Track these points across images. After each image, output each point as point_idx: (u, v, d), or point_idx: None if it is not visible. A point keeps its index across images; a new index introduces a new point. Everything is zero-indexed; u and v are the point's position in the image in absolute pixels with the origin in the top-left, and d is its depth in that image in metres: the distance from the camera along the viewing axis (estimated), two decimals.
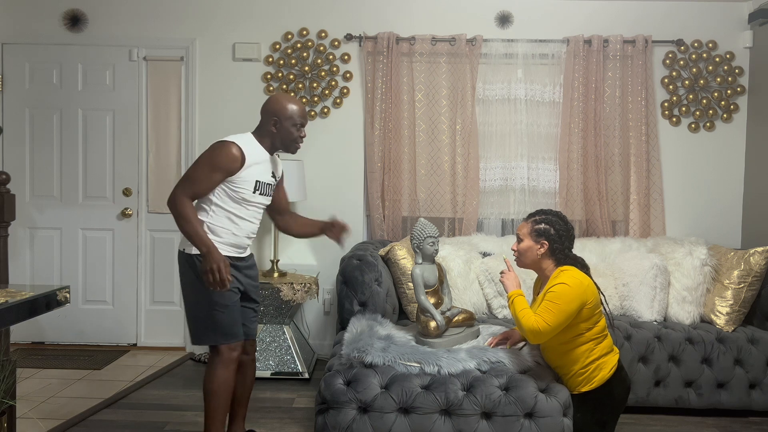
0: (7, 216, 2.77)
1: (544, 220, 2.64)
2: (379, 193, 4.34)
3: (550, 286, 2.54)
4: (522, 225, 2.70)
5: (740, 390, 3.36)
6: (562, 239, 2.62)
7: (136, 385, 3.78)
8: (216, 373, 2.65)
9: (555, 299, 2.47)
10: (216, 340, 2.65)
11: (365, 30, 4.35)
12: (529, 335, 2.50)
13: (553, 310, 2.46)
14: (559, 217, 2.67)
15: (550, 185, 4.35)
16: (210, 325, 2.64)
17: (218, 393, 2.65)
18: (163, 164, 4.49)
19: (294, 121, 2.72)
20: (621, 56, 4.27)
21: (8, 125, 4.49)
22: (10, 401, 2.34)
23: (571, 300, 2.47)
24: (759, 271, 3.49)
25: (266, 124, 2.73)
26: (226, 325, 2.65)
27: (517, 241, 2.70)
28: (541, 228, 2.63)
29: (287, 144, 2.76)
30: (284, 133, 2.72)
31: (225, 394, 2.67)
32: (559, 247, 2.62)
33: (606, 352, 2.60)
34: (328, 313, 4.47)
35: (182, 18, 4.44)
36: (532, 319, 2.48)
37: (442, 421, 2.58)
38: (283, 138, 2.73)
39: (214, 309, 2.63)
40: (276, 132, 2.72)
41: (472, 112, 4.27)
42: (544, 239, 2.62)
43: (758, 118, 4.24)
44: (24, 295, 2.22)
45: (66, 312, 4.40)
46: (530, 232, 2.64)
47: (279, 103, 2.72)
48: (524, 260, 2.68)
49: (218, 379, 2.65)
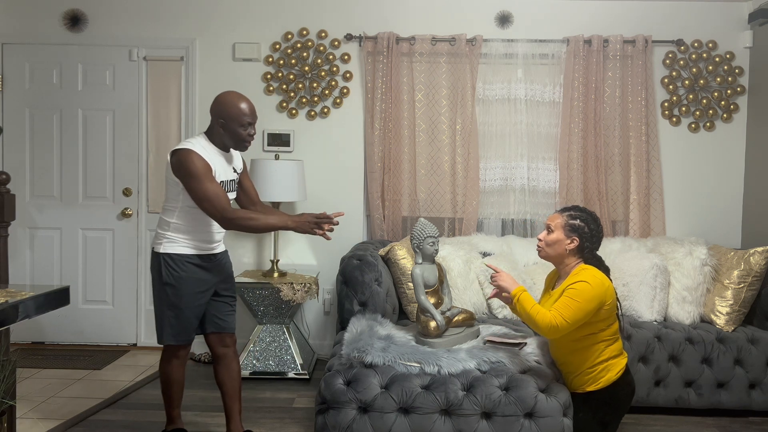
0: (7, 216, 2.78)
1: (579, 217, 2.63)
2: (379, 193, 4.34)
3: (571, 282, 2.53)
4: (555, 216, 2.68)
5: (740, 390, 3.36)
6: (593, 239, 2.63)
7: (136, 385, 3.78)
8: (163, 366, 2.89)
9: (576, 296, 2.47)
10: (165, 338, 2.80)
11: (365, 30, 4.35)
12: (545, 330, 2.48)
13: (572, 307, 2.46)
14: (593, 217, 2.66)
15: (550, 185, 4.35)
16: (164, 323, 2.79)
17: (164, 381, 2.91)
18: (163, 164, 4.48)
19: (240, 122, 2.71)
20: (621, 56, 4.27)
21: (8, 125, 4.49)
22: (10, 401, 2.34)
23: (592, 298, 2.47)
24: (759, 271, 3.49)
25: (214, 124, 2.75)
26: (174, 326, 2.78)
27: (547, 230, 2.67)
28: (576, 224, 2.61)
29: (236, 143, 2.78)
30: (231, 133, 2.74)
31: (169, 383, 2.90)
32: (588, 246, 2.62)
33: (615, 355, 2.61)
34: (328, 313, 4.47)
35: (182, 18, 4.44)
36: (548, 315, 2.47)
37: (442, 421, 2.58)
38: (230, 137, 2.75)
39: (167, 308, 2.76)
40: (224, 132, 2.73)
41: (472, 112, 4.27)
42: (576, 235, 2.60)
43: (758, 118, 4.24)
44: (24, 295, 2.22)
45: (66, 312, 4.40)
46: (564, 225, 2.62)
47: (224, 104, 2.72)
48: (549, 251, 2.66)
49: (164, 371, 2.89)
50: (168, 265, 2.73)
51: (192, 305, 2.78)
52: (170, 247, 2.74)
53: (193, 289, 2.76)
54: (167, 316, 2.77)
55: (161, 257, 2.74)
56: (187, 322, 2.79)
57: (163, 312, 2.78)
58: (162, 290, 2.76)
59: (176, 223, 2.74)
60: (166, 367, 2.88)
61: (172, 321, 2.77)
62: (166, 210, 2.77)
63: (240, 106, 2.71)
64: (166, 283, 2.74)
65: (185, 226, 2.74)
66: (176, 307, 2.75)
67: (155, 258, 2.77)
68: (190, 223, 2.74)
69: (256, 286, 3.93)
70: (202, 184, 2.60)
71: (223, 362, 2.93)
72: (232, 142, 2.77)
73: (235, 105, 2.71)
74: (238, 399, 2.96)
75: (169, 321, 2.77)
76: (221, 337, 2.92)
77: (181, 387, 2.95)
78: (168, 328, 2.78)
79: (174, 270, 2.73)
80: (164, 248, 2.74)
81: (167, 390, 2.93)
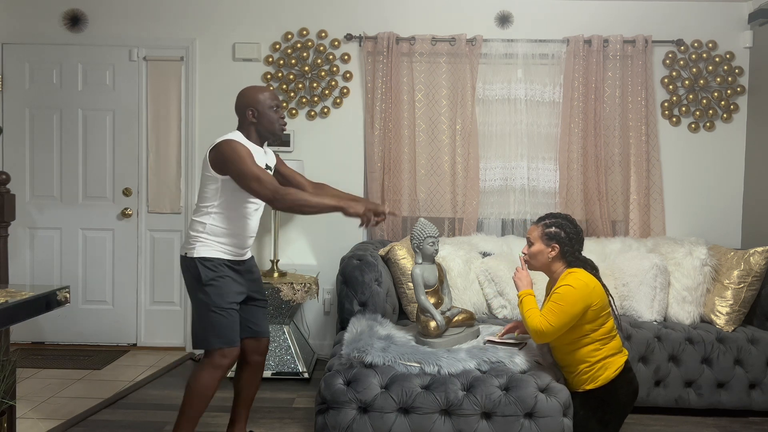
0: (7, 216, 2.78)
1: (554, 224, 2.68)
2: (379, 193, 4.34)
3: (556, 287, 2.58)
4: (532, 228, 2.75)
5: (740, 390, 3.36)
6: (573, 242, 2.66)
7: (136, 385, 3.78)
8: (202, 375, 2.62)
9: (559, 300, 2.52)
10: (212, 343, 2.63)
11: (365, 30, 4.35)
12: (533, 335, 2.56)
13: (556, 312, 2.51)
14: (568, 220, 2.71)
15: (550, 185, 4.35)
16: (208, 327, 2.63)
17: (198, 394, 2.62)
18: (163, 164, 4.49)
19: (269, 104, 2.71)
20: (621, 56, 4.27)
21: (8, 125, 4.49)
22: (10, 401, 2.35)
23: (575, 302, 2.50)
24: (759, 271, 3.49)
25: (244, 118, 2.72)
26: (222, 327, 2.63)
27: (528, 244, 2.74)
28: (552, 231, 2.67)
29: (271, 130, 2.74)
30: (264, 120, 2.72)
31: (204, 397, 2.63)
32: (569, 249, 2.66)
33: (613, 353, 2.62)
34: (328, 313, 4.47)
35: (182, 18, 4.44)
36: (537, 320, 2.53)
37: (442, 421, 2.58)
38: (265, 125, 2.72)
39: (211, 311, 2.62)
40: (257, 122, 2.71)
41: (472, 112, 4.27)
42: (555, 242, 2.66)
43: (758, 118, 4.24)
44: (24, 295, 2.22)
45: (66, 312, 4.40)
46: (541, 235, 2.69)
47: (249, 94, 2.73)
48: (535, 263, 2.72)
49: (202, 381, 2.62)
50: (206, 267, 2.63)
51: (235, 305, 2.68)
52: (204, 250, 2.64)
53: (233, 289, 2.67)
54: (212, 318, 2.62)
55: (196, 261, 2.63)
56: (234, 323, 2.65)
57: (207, 315, 2.63)
58: (203, 293, 2.63)
59: (212, 225, 2.65)
60: (209, 377, 2.62)
61: (219, 322, 2.62)
62: (201, 212, 2.67)
63: (264, 92, 2.73)
64: (207, 284, 2.62)
65: (221, 229, 2.66)
66: (221, 307, 2.63)
67: (189, 262, 2.65)
68: (226, 225, 2.66)
69: None
70: (249, 166, 2.54)
71: (252, 369, 2.85)
72: (268, 130, 2.73)
73: (261, 90, 2.73)
74: (250, 406, 2.94)
75: (215, 323, 2.61)
76: (258, 343, 2.84)
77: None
78: (213, 330, 2.61)
79: (213, 270, 2.63)
80: (198, 252, 2.63)
81: (200, 406, 2.63)
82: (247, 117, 2.71)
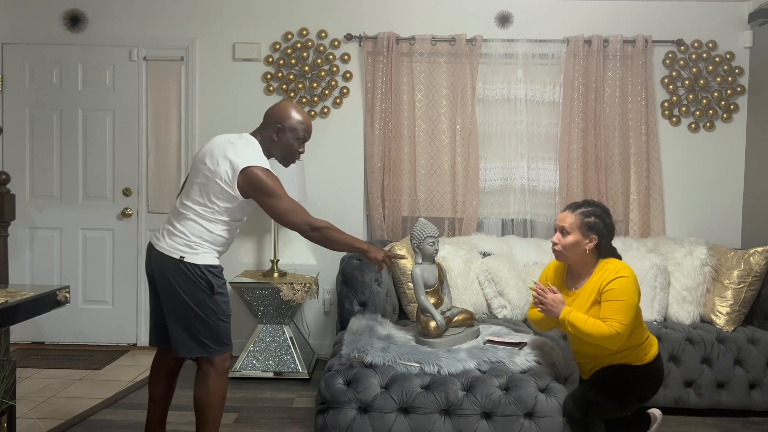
0: (7, 216, 2.78)
1: (593, 213, 2.51)
2: (379, 193, 4.34)
3: (604, 283, 2.44)
4: (567, 215, 2.54)
5: (740, 390, 3.36)
6: (609, 233, 2.53)
7: (136, 385, 3.78)
8: (213, 386, 2.60)
9: (620, 296, 2.38)
10: (218, 351, 2.60)
11: (365, 30, 4.35)
12: (608, 342, 2.38)
13: (622, 309, 2.37)
14: (604, 209, 2.55)
15: (550, 185, 4.35)
16: (214, 335, 2.58)
17: (214, 405, 2.60)
18: (163, 164, 4.49)
19: (297, 134, 2.64)
20: (621, 56, 4.27)
21: (8, 125, 4.49)
22: (10, 401, 2.34)
23: (634, 292, 2.42)
24: (759, 271, 3.49)
25: (268, 129, 2.64)
26: (227, 334, 2.63)
27: (561, 233, 2.53)
28: (592, 222, 2.49)
29: (284, 156, 2.68)
30: (284, 144, 2.64)
31: (220, 405, 2.63)
32: (606, 241, 2.52)
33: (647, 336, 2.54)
34: (328, 313, 4.47)
35: (182, 18, 4.44)
36: (604, 327, 2.37)
37: (442, 421, 2.58)
38: (281, 148, 2.65)
39: (219, 319, 2.59)
40: (276, 141, 2.63)
41: (472, 112, 4.27)
42: (594, 234, 2.49)
43: (758, 118, 4.24)
44: (24, 295, 2.23)
45: (66, 312, 4.40)
46: (580, 225, 2.50)
47: (286, 111, 2.63)
48: (568, 254, 2.53)
49: (217, 392, 2.61)
50: (214, 275, 2.59)
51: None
52: (209, 257, 2.59)
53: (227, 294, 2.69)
54: (220, 326, 2.59)
55: (203, 268, 2.55)
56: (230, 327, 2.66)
57: (215, 324, 2.58)
58: (212, 302, 2.57)
59: (219, 236, 2.60)
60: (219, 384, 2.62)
61: (226, 330, 2.62)
62: (209, 220, 2.57)
63: (302, 119, 2.64)
64: (219, 292, 2.59)
65: (222, 239, 2.62)
66: (227, 315, 2.63)
67: (194, 269, 2.54)
68: (227, 236, 2.63)
69: (256, 286, 3.93)
70: (284, 202, 2.52)
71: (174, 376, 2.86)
72: (281, 154, 2.66)
73: (298, 116, 2.64)
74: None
75: (223, 331, 2.61)
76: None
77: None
78: (220, 338, 2.60)
79: (220, 278, 2.61)
80: (203, 259, 2.56)
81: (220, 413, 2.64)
82: (271, 129, 2.63)
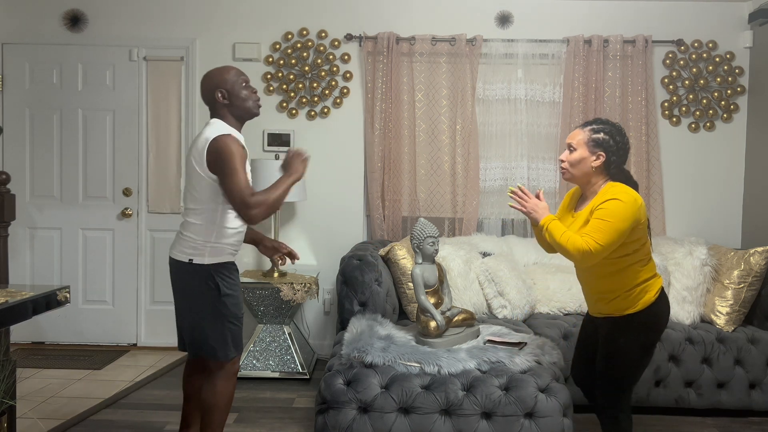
0: (7, 216, 2.78)
1: (603, 129, 2.41)
2: (379, 193, 4.34)
3: (599, 202, 2.34)
4: (576, 132, 2.46)
5: (740, 390, 3.36)
6: (620, 152, 2.41)
7: (136, 385, 3.78)
8: (221, 388, 2.57)
9: (607, 216, 2.28)
10: (228, 355, 2.55)
11: (365, 30, 4.35)
12: (578, 258, 2.31)
13: (603, 229, 2.27)
14: (617, 128, 2.44)
15: (550, 185, 4.35)
16: (223, 339, 2.53)
17: (219, 407, 2.57)
18: (163, 164, 4.49)
19: (238, 83, 2.54)
20: (621, 56, 4.27)
21: (8, 125, 4.49)
22: (10, 401, 2.34)
23: (625, 218, 2.28)
24: (759, 271, 3.49)
25: (215, 102, 2.55)
26: (237, 337, 2.59)
27: (569, 150, 2.45)
28: (600, 138, 2.40)
29: (246, 108, 2.57)
30: (239, 100, 2.54)
31: (228, 407, 2.60)
32: (616, 160, 2.41)
33: (651, 276, 2.45)
34: (328, 313, 4.47)
35: (182, 18, 4.44)
36: (579, 241, 2.29)
37: (442, 421, 2.58)
38: (238, 103, 2.55)
39: (229, 322, 2.54)
40: (229, 102, 2.54)
41: (472, 112, 4.27)
42: (602, 150, 2.39)
43: (758, 118, 4.24)
44: (24, 295, 2.23)
45: (66, 312, 4.40)
46: (587, 141, 2.41)
47: (215, 77, 2.55)
48: (574, 172, 2.44)
49: (220, 392, 2.57)
50: (222, 275, 2.51)
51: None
52: (216, 256, 2.51)
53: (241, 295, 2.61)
54: (230, 330, 2.53)
55: (210, 269, 2.48)
56: (241, 329, 2.60)
57: (224, 327, 2.52)
58: (221, 304, 2.50)
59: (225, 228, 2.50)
60: (227, 386, 2.58)
61: (236, 333, 2.56)
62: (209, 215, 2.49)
63: (231, 69, 2.57)
64: (227, 294, 2.51)
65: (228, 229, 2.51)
66: (237, 317, 2.56)
67: (199, 270, 2.48)
68: (235, 225, 2.53)
69: (257, 286, 3.93)
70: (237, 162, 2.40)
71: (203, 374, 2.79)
72: (242, 109, 2.56)
73: (226, 69, 2.57)
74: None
75: (233, 334, 2.55)
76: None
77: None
78: (232, 342, 2.55)
79: (229, 278, 2.53)
80: (210, 258, 2.49)
81: (225, 416, 2.60)
82: (218, 99, 2.53)
